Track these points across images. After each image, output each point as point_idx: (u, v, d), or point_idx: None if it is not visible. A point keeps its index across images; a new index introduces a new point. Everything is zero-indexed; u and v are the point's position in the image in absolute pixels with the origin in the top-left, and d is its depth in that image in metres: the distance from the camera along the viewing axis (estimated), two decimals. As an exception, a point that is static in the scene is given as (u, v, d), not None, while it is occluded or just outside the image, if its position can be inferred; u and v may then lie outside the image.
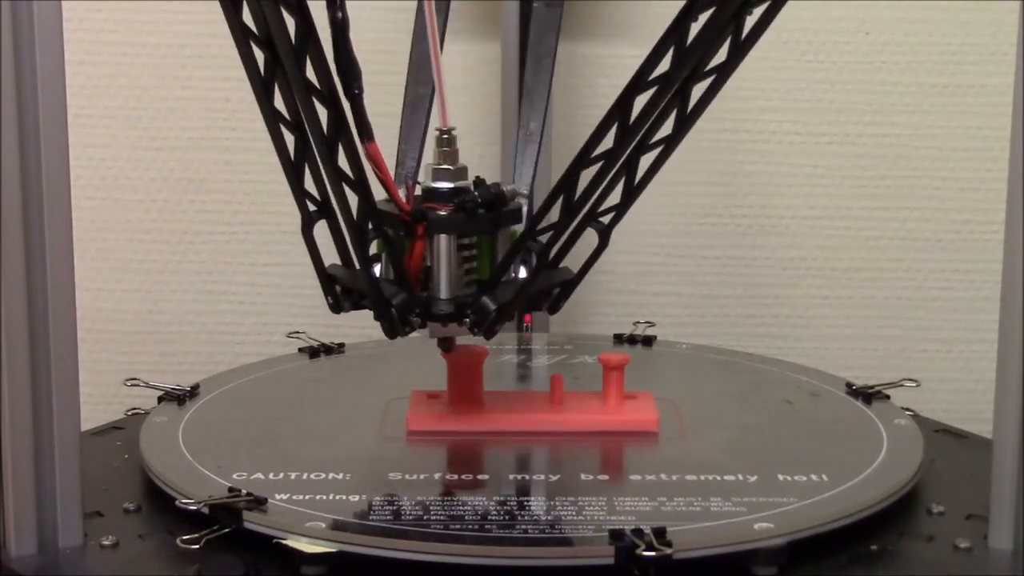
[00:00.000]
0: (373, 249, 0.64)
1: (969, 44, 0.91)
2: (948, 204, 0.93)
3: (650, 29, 0.91)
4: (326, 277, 0.65)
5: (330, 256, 0.64)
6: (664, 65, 0.59)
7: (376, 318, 0.64)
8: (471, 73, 0.92)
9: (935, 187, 0.93)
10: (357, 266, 0.63)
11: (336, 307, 0.65)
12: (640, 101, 0.60)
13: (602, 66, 0.92)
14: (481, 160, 0.91)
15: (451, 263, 0.64)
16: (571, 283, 0.67)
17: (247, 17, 0.58)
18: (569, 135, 0.91)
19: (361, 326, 0.92)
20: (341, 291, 0.65)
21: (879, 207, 0.93)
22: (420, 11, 0.73)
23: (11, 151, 0.55)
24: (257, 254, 0.94)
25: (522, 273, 0.65)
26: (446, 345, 0.68)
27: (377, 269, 0.65)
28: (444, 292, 0.64)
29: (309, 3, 0.56)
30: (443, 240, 0.64)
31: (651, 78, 0.59)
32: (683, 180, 0.93)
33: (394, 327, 0.63)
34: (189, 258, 0.94)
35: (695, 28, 0.58)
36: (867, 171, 0.93)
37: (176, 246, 0.94)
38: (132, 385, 0.73)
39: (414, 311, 0.64)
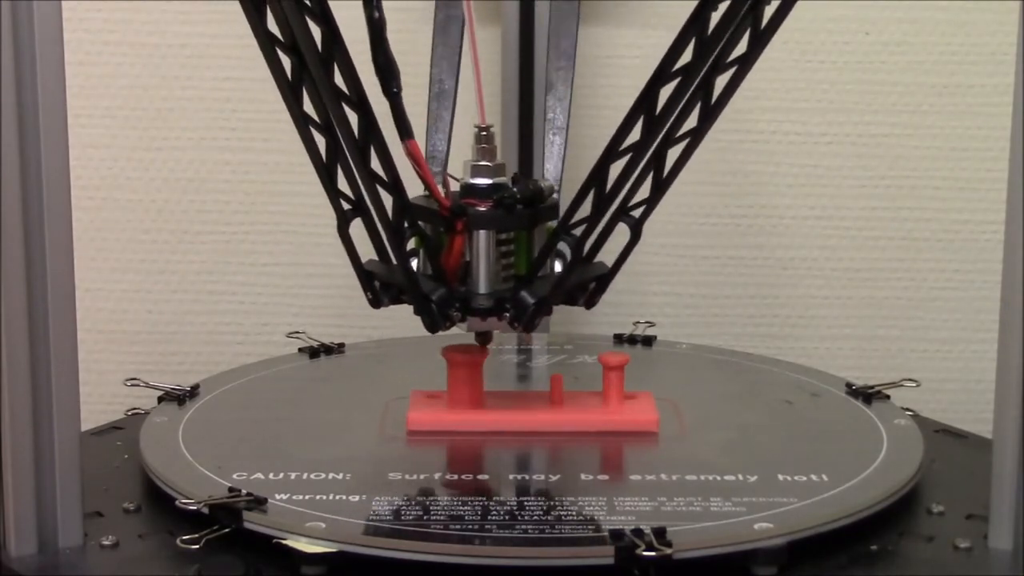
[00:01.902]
0: (410, 245, 0.64)
1: (969, 44, 0.91)
2: (948, 204, 0.93)
3: (651, 27, 0.91)
4: (364, 273, 0.65)
5: (365, 251, 0.65)
6: (687, 56, 0.59)
7: (416, 313, 0.64)
8: (470, 72, 0.92)
9: (935, 187, 0.93)
10: (394, 261, 0.63)
11: (376, 302, 0.66)
12: (665, 93, 0.60)
13: (602, 65, 0.92)
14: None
15: (490, 258, 0.64)
16: (606, 277, 0.67)
17: (271, 24, 0.58)
18: (579, 133, 0.91)
19: (361, 326, 0.92)
20: (380, 286, 0.65)
21: (879, 207, 0.93)
22: (439, 7, 0.74)
23: (11, 151, 0.55)
24: (257, 254, 0.94)
25: (557, 268, 0.66)
26: (483, 339, 0.68)
27: (414, 264, 0.65)
28: (483, 287, 0.65)
29: (333, 7, 0.56)
30: (483, 236, 0.64)
31: (675, 69, 0.60)
32: (683, 180, 0.91)
33: (434, 321, 0.64)
34: (189, 258, 0.94)
35: (715, 17, 0.59)
36: (867, 171, 0.93)
37: (176, 246, 0.94)
38: (132, 385, 0.73)
39: (453, 306, 0.64)
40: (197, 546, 0.56)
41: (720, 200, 0.94)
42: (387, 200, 0.62)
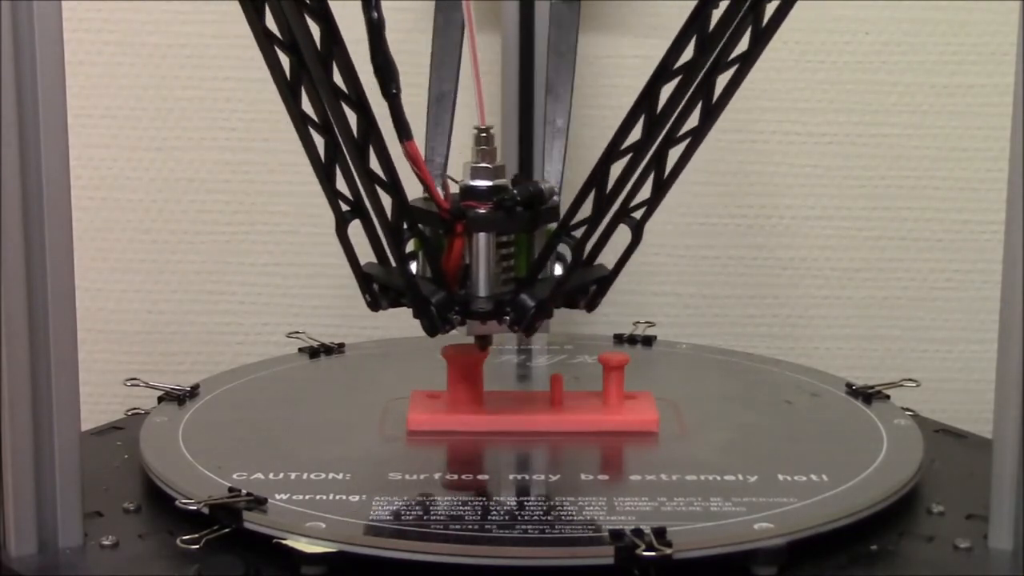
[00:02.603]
0: (409, 247, 0.64)
1: (969, 44, 0.91)
2: (948, 204, 0.93)
3: (651, 28, 0.91)
4: (362, 276, 0.65)
5: (364, 254, 0.65)
6: (687, 55, 0.59)
7: (415, 316, 0.64)
8: (470, 74, 0.92)
9: (935, 187, 0.93)
10: (393, 265, 0.63)
11: (374, 305, 0.66)
12: (665, 92, 0.60)
13: (603, 65, 0.92)
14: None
15: (490, 261, 0.64)
16: (607, 279, 0.67)
17: (269, 22, 0.58)
18: (576, 134, 0.91)
19: (361, 326, 0.92)
20: (378, 289, 0.65)
21: (879, 207, 0.93)
22: (439, 10, 0.73)
23: (11, 151, 0.55)
24: (257, 254, 0.94)
25: (558, 270, 0.66)
26: (483, 343, 0.68)
27: (413, 267, 0.65)
28: (483, 290, 0.64)
29: (332, 6, 0.56)
30: (482, 238, 0.64)
31: (675, 67, 0.59)
32: (684, 180, 0.91)
33: (434, 325, 0.64)
34: (189, 258, 0.94)
35: (716, 16, 0.58)
36: (867, 171, 0.93)
37: (176, 246, 0.94)
38: (132, 385, 0.73)
39: (453, 309, 0.64)
40: (197, 546, 0.56)
41: (720, 200, 0.94)
42: (386, 202, 0.62)
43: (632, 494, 0.60)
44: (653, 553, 0.54)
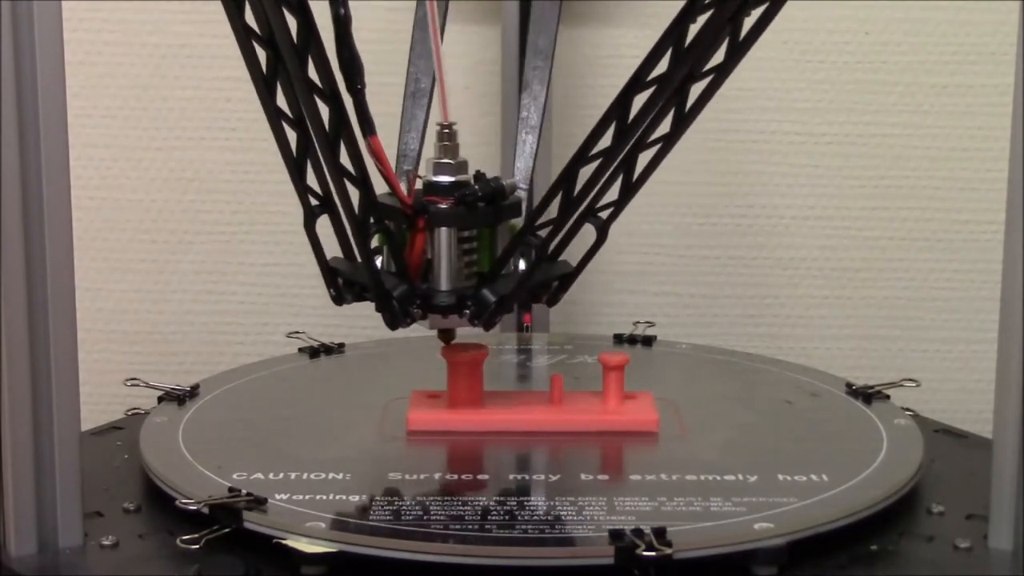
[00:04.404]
0: (374, 243, 0.65)
1: (969, 44, 0.91)
2: (948, 204, 0.93)
3: (650, 25, 0.91)
4: (328, 270, 0.65)
5: (332, 249, 0.65)
6: (663, 66, 0.59)
7: (377, 310, 0.64)
8: (470, 72, 0.92)
9: (935, 187, 0.93)
10: (359, 259, 0.63)
11: (338, 299, 0.66)
12: (639, 101, 0.60)
13: (603, 65, 0.92)
14: (483, 158, 0.91)
15: (452, 256, 0.65)
16: (570, 276, 0.67)
17: (249, 17, 0.58)
18: (569, 133, 0.91)
19: (361, 326, 0.92)
20: (343, 283, 0.66)
21: (879, 207, 0.93)
22: (419, 6, 0.73)
23: (11, 151, 0.55)
24: (257, 254, 0.94)
25: (521, 266, 0.66)
26: (446, 336, 0.68)
27: (378, 261, 0.65)
28: (445, 284, 0.65)
29: (310, 2, 0.56)
30: (444, 233, 0.64)
31: (649, 78, 0.59)
32: (683, 180, 0.93)
33: (395, 318, 0.64)
34: (189, 258, 0.94)
35: (693, 30, 0.58)
36: (867, 171, 0.93)
37: (176, 246, 0.94)
38: (132, 385, 0.73)
39: (415, 303, 0.64)
40: (197, 546, 0.56)
41: (720, 200, 0.94)
42: (355, 197, 0.62)
43: (632, 494, 0.60)
44: (653, 553, 0.54)
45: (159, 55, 0.91)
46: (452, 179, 0.65)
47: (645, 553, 0.54)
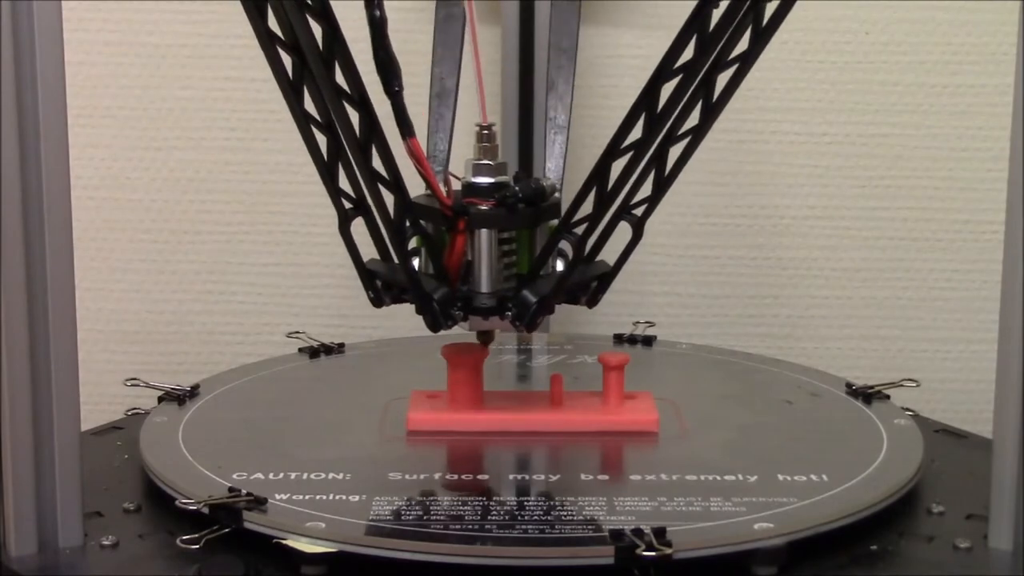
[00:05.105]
0: (411, 244, 0.64)
1: (969, 44, 0.91)
2: (948, 204, 0.93)
3: (650, 26, 0.91)
4: (366, 272, 0.65)
5: (367, 251, 0.65)
6: (688, 54, 0.59)
7: (418, 312, 0.64)
8: (470, 72, 0.92)
9: (935, 187, 0.93)
10: (396, 262, 0.63)
11: (377, 301, 0.66)
12: (666, 91, 0.60)
13: (603, 64, 0.92)
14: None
15: (492, 257, 0.64)
16: (608, 276, 0.67)
17: (272, 23, 0.58)
18: (578, 133, 0.91)
19: (361, 326, 0.92)
20: (381, 285, 0.65)
21: (879, 207, 0.93)
22: (440, 6, 0.74)
23: (11, 151, 0.55)
24: (257, 254, 0.94)
25: (559, 267, 0.66)
26: (486, 338, 0.68)
27: (415, 263, 0.65)
28: (485, 286, 0.65)
29: (334, 5, 0.56)
30: (484, 235, 0.64)
31: (676, 66, 0.60)
32: (683, 180, 0.92)
33: (436, 321, 0.64)
34: (189, 258, 0.94)
35: (716, 15, 0.58)
36: (867, 171, 0.93)
37: (176, 246, 0.94)
38: (132, 385, 0.73)
39: (455, 305, 0.64)
40: (197, 546, 0.56)
41: (720, 200, 0.94)
42: (388, 199, 0.62)
43: (632, 494, 0.60)
44: (653, 553, 0.54)
45: (159, 55, 0.91)
46: (492, 180, 0.65)
47: (645, 553, 0.54)
